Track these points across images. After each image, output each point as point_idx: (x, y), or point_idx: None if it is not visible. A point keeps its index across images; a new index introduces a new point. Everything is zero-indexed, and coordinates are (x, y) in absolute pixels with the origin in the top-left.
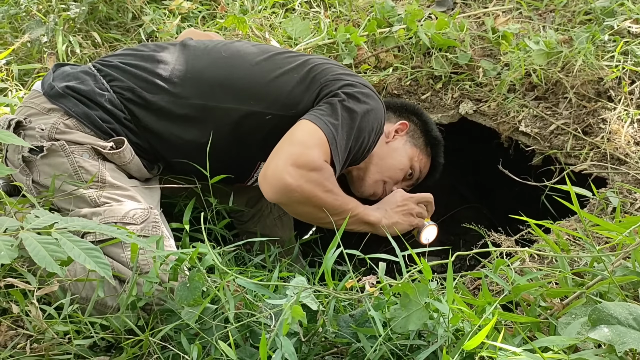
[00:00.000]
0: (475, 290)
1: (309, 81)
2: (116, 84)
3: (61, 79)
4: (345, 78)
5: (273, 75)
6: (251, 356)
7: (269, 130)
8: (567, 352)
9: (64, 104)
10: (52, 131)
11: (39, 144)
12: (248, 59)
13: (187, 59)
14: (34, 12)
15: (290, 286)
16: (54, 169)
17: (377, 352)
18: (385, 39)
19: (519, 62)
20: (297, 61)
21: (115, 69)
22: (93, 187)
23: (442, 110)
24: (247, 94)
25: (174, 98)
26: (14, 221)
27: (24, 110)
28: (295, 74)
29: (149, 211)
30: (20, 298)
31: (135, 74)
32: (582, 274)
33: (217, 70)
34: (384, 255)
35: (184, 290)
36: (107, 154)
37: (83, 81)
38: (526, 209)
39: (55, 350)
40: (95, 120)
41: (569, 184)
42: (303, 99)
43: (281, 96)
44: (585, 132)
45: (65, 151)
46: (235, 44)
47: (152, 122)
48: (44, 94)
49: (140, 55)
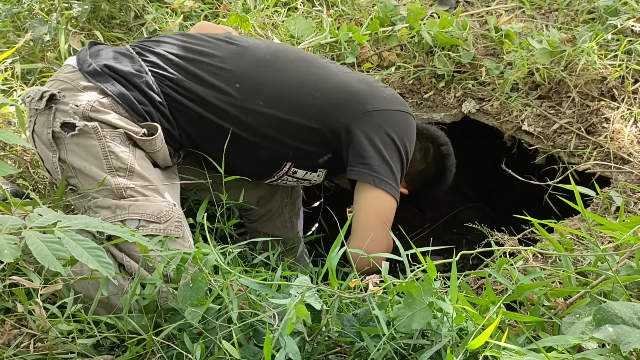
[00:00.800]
0: (479, 289)
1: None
2: (157, 70)
3: (98, 57)
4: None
5: (329, 95)
6: (254, 355)
7: (310, 140)
8: (571, 352)
9: (101, 82)
10: (87, 109)
11: (72, 121)
12: (303, 71)
13: (240, 59)
14: (36, 11)
15: (294, 285)
16: (83, 149)
17: (380, 352)
18: (387, 38)
19: (522, 61)
20: (351, 89)
21: (157, 56)
22: (120, 175)
23: (445, 109)
24: (300, 109)
25: (221, 94)
26: (17, 220)
27: (57, 84)
28: (351, 102)
29: (172, 210)
30: (24, 297)
31: (178, 64)
32: (586, 274)
33: (276, 79)
34: (388, 255)
35: (187, 290)
36: (139, 141)
37: (121, 61)
38: (529, 209)
39: (58, 350)
40: (131, 101)
41: (572, 183)
42: (349, 124)
43: (330, 117)
44: (588, 131)
45: (98, 134)
46: (287, 52)
47: (190, 111)
48: (79, 70)
49: (183, 46)
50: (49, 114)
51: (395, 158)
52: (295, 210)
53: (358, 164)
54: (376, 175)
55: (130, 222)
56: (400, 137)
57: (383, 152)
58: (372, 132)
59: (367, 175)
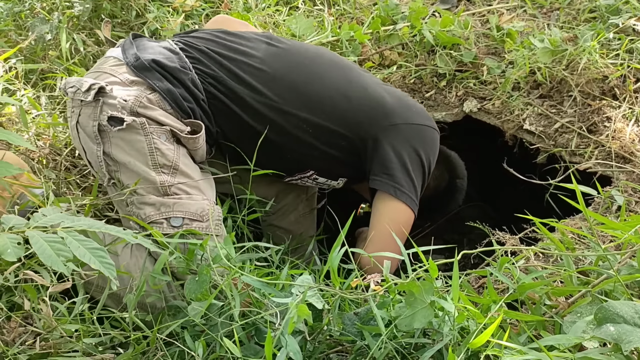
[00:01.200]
0: (480, 288)
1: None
2: (200, 67)
3: (145, 51)
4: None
5: (361, 104)
6: (256, 354)
7: (337, 145)
8: (572, 351)
9: (149, 78)
10: (136, 104)
11: (119, 116)
12: (347, 79)
13: (278, 61)
14: (37, 10)
15: (296, 285)
16: (129, 144)
17: (382, 351)
18: (389, 37)
19: (524, 60)
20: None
21: (200, 53)
22: (165, 172)
23: (446, 108)
24: (332, 115)
25: (257, 95)
26: (21, 219)
27: (104, 76)
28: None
29: (214, 208)
30: (34, 294)
31: (220, 62)
32: (588, 273)
33: (312, 84)
34: (389, 254)
35: (193, 284)
36: (183, 139)
37: (168, 57)
38: (531, 208)
39: (63, 348)
40: (177, 98)
41: (574, 182)
42: (377, 135)
43: (360, 126)
44: (590, 130)
45: (145, 130)
46: (325, 59)
47: (228, 109)
48: (127, 64)
49: (225, 44)
50: (95, 106)
51: (418, 172)
52: (310, 207)
53: (381, 174)
54: (398, 187)
55: (175, 220)
56: (425, 152)
57: (407, 165)
58: (398, 144)
59: (389, 186)
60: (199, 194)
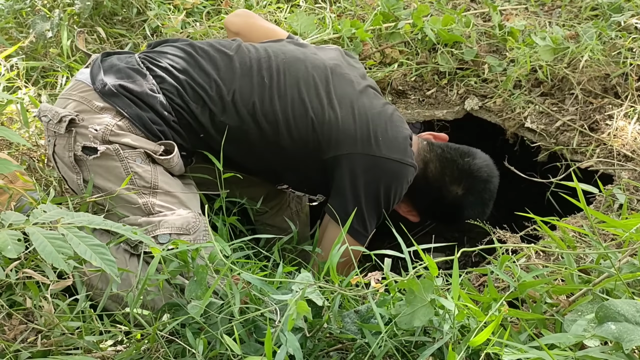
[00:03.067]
0: (481, 286)
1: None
2: (166, 87)
3: (112, 75)
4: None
5: (322, 130)
6: (256, 351)
7: (302, 168)
8: (573, 349)
9: (117, 104)
10: (107, 133)
11: (92, 145)
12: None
13: (237, 79)
14: (38, 7)
15: (296, 282)
16: (106, 171)
17: (382, 349)
18: (391, 35)
19: (525, 58)
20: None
21: (165, 71)
22: (145, 194)
23: (447, 106)
24: (293, 137)
25: (220, 116)
26: (21, 215)
27: (74, 105)
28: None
29: (199, 220)
30: (36, 291)
31: (183, 81)
32: (589, 271)
33: (271, 105)
34: (390, 252)
35: (192, 284)
36: (157, 159)
37: (135, 80)
38: (532, 206)
39: (64, 345)
40: (146, 122)
41: (575, 181)
42: (338, 160)
43: (320, 153)
44: (591, 128)
45: (119, 155)
46: (299, 76)
47: (194, 128)
48: (95, 90)
49: (189, 61)
50: (69, 137)
51: (371, 205)
52: (302, 204)
53: (334, 201)
54: (345, 217)
55: (162, 237)
56: (383, 184)
57: (361, 197)
58: (356, 174)
59: (336, 215)
60: (183, 208)
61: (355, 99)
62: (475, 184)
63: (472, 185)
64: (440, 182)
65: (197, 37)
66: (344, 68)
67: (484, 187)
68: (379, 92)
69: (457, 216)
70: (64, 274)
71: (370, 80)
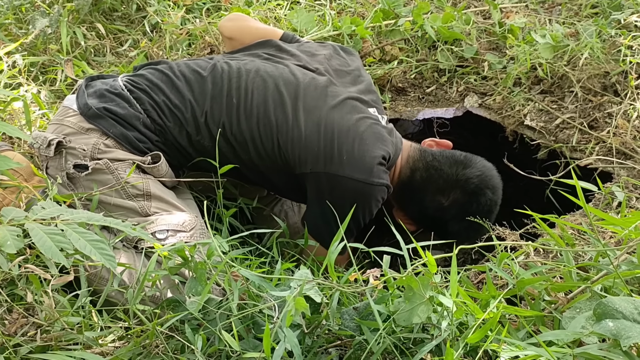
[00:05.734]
0: (480, 284)
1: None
2: (147, 108)
3: (96, 99)
4: None
5: (291, 147)
6: (255, 348)
7: (280, 182)
8: (571, 347)
9: (102, 125)
10: (94, 151)
11: (83, 163)
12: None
13: (208, 100)
14: (38, 3)
15: (294, 279)
16: (100, 184)
17: (380, 345)
18: (391, 32)
19: (525, 55)
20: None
21: (145, 93)
22: (139, 199)
23: (447, 103)
24: (265, 155)
25: (194, 135)
26: (21, 211)
27: (60, 128)
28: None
29: (195, 219)
30: (38, 285)
31: (160, 102)
32: (587, 269)
33: (238, 125)
34: (388, 249)
35: (192, 282)
36: (147, 168)
37: (119, 104)
38: (531, 203)
39: (63, 341)
40: (132, 141)
41: (574, 178)
42: (303, 178)
43: (290, 169)
44: (591, 126)
45: (110, 168)
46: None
47: (179, 147)
48: (80, 114)
49: (167, 82)
50: (60, 158)
51: (338, 222)
52: None
53: (306, 213)
54: (314, 230)
55: (160, 233)
56: (351, 205)
57: (327, 214)
58: (322, 192)
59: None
60: (179, 211)
61: (324, 114)
62: (459, 196)
63: (456, 198)
64: (423, 191)
65: (197, 33)
66: (321, 79)
67: (469, 200)
68: (365, 102)
69: (443, 229)
70: (66, 270)
71: (364, 85)
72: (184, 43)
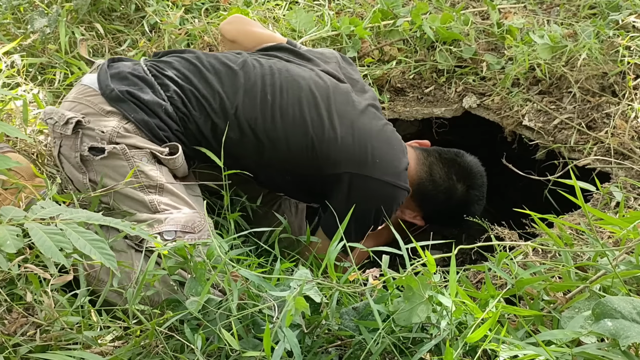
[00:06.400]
0: (479, 283)
1: None
2: (172, 95)
3: (119, 81)
4: None
5: (322, 149)
6: (254, 347)
7: (298, 183)
8: (570, 346)
9: (124, 109)
10: (113, 135)
11: (99, 146)
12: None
13: (240, 94)
14: (36, 3)
15: (294, 279)
16: (113, 170)
17: (379, 345)
18: (389, 32)
19: (523, 56)
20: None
21: (170, 80)
22: (151, 192)
23: (446, 104)
24: (293, 155)
25: (220, 125)
26: (20, 211)
27: (80, 107)
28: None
29: (203, 219)
30: (37, 284)
31: (187, 91)
32: (586, 268)
33: (273, 123)
34: (388, 248)
35: (192, 281)
36: (163, 159)
37: (142, 88)
38: (529, 203)
39: (63, 340)
40: (152, 128)
41: (573, 178)
42: (333, 180)
43: (319, 171)
44: (589, 126)
45: (126, 155)
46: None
47: (200, 137)
48: (102, 94)
49: (195, 72)
50: (75, 138)
51: (358, 222)
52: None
53: (327, 213)
54: (333, 229)
55: (168, 234)
56: (377, 207)
57: (351, 215)
58: (350, 193)
59: (328, 230)
60: (189, 208)
61: (355, 118)
62: (476, 179)
63: (473, 181)
64: (448, 182)
65: (196, 33)
66: (343, 86)
67: (483, 181)
68: (379, 109)
69: (464, 213)
70: (65, 269)
71: (370, 93)
72: (182, 43)
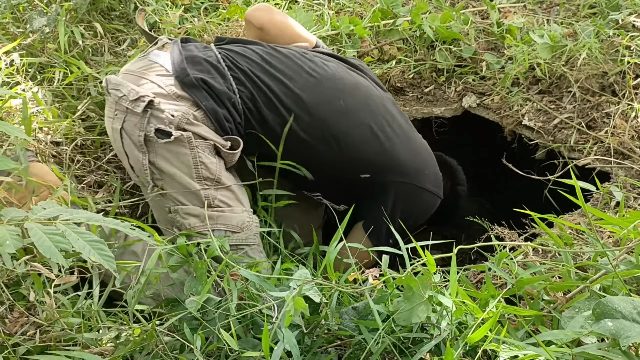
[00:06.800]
0: (479, 283)
1: None
2: (243, 89)
3: (193, 66)
4: None
5: (382, 156)
6: (254, 347)
7: (346, 184)
8: (570, 346)
9: (196, 96)
10: (182, 121)
11: (167, 130)
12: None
13: (314, 95)
14: (35, 2)
15: (293, 279)
16: (174, 156)
17: (379, 345)
18: (389, 32)
19: (523, 55)
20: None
21: (245, 75)
22: (208, 185)
23: (446, 103)
24: (355, 158)
25: (285, 124)
26: (20, 211)
27: (150, 86)
28: None
29: (252, 219)
30: (40, 284)
31: (261, 89)
32: (586, 268)
33: (342, 127)
34: (388, 248)
35: (192, 281)
36: (223, 153)
37: (214, 77)
38: (529, 203)
39: (62, 341)
40: (220, 118)
41: (573, 178)
42: (385, 183)
43: (372, 174)
44: (589, 126)
45: (191, 144)
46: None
47: (261, 132)
48: (175, 77)
49: (267, 70)
50: (142, 117)
51: (398, 226)
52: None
53: (372, 215)
54: (376, 231)
55: (217, 232)
56: (417, 215)
57: (395, 219)
58: (399, 200)
59: (371, 232)
60: (239, 205)
61: (405, 128)
62: (459, 175)
63: (457, 177)
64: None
65: (195, 32)
66: (388, 95)
67: (463, 176)
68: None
69: (455, 208)
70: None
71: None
72: None
